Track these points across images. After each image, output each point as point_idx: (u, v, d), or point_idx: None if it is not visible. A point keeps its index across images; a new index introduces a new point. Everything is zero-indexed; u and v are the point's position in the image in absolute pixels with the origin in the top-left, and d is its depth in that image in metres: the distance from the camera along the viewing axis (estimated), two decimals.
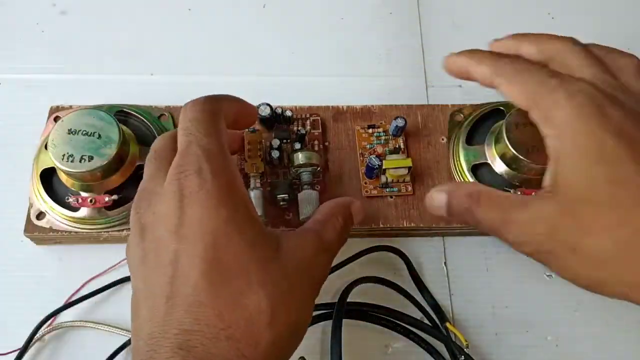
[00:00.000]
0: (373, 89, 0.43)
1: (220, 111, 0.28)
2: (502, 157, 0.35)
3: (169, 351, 0.22)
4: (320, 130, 0.38)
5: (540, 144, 0.26)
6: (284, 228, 0.36)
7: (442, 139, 0.39)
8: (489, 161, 0.36)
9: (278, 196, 0.35)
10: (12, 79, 0.43)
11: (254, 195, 0.34)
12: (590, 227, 0.24)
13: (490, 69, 0.29)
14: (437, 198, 0.29)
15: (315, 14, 0.46)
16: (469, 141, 0.38)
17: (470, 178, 0.36)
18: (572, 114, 0.25)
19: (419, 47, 0.45)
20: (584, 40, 0.30)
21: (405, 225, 0.36)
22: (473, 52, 0.31)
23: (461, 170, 0.37)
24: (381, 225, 0.36)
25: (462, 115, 0.39)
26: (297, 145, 0.37)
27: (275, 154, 0.36)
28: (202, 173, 0.25)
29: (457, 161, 0.37)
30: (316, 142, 0.38)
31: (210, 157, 0.25)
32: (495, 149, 0.36)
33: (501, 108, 0.38)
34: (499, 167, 0.36)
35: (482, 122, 0.38)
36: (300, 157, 0.35)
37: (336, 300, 0.32)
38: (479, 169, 0.37)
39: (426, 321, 0.35)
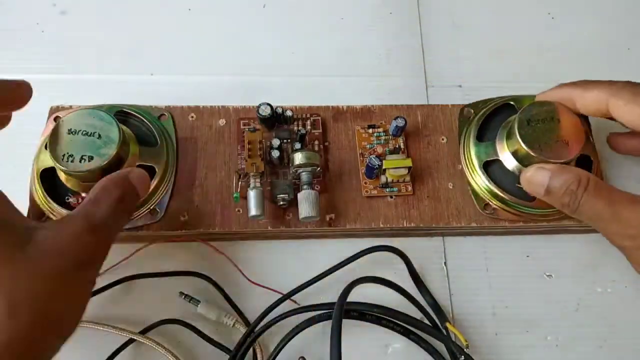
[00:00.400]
0: (373, 89, 0.43)
1: None
2: (514, 154, 0.35)
3: None
4: (320, 130, 0.38)
5: (552, 140, 0.27)
6: (284, 228, 0.36)
7: (442, 139, 0.39)
8: (500, 158, 0.36)
9: (278, 196, 0.35)
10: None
11: (253, 194, 0.34)
12: None
13: (605, 91, 0.31)
14: (539, 175, 0.30)
15: (315, 14, 0.46)
16: (480, 137, 0.38)
17: (482, 175, 0.36)
18: None
19: (419, 47, 0.45)
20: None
21: (405, 225, 0.36)
22: (573, 83, 0.33)
23: (472, 167, 0.37)
24: (381, 225, 0.36)
25: (472, 111, 0.39)
26: (297, 145, 0.37)
27: (276, 153, 0.36)
28: None
29: (468, 158, 0.37)
30: (316, 142, 0.38)
31: None
32: (507, 145, 0.35)
33: (511, 103, 0.38)
34: (510, 163, 0.35)
35: (492, 118, 0.38)
36: (300, 157, 0.35)
37: (336, 301, 0.32)
38: (490, 166, 0.37)
39: (426, 321, 0.35)
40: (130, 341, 0.34)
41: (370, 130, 0.39)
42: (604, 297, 0.37)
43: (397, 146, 0.38)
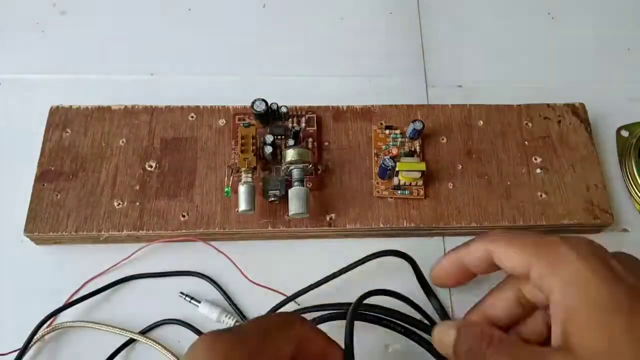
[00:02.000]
0: (373, 89, 0.43)
1: (289, 325, 0.26)
2: None
3: None
4: (315, 128, 0.38)
5: None
6: (284, 228, 0.36)
7: (442, 139, 0.39)
8: None
9: (269, 192, 0.35)
10: (12, 79, 0.43)
11: (245, 189, 0.34)
12: None
13: (484, 243, 0.28)
14: (444, 334, 0.28)
15: (315, 14, 0.46)
16: None
17: None
18: (579, 265, 0.24)
19: (419, 47, 0.45)
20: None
21: (405, 225, 0.36)
22: (453, 249, 0.30)
23: (637, 186, 0.39)
24: (381, 225, 0.36)
25: (627, 132, 0.41)
26: (291, 142, 0.37)
27: (268, 149, 0.36)
28: (215, 349, 0.23)
29: (631, 178, 0.39)
30: (310, 139, 0.38)
31: (232, 336, 0.24)
32: None
33: None
34: None
35: None
36: (291, 154, 0.35)
37: (340, 301, 0.32)
38: None
39: (426, 321, 0.34)
40: (130, 341, 0.34)
41: (387, 132, 0.39)
42: None
43: (412, 149, 0.38)
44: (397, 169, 0.36)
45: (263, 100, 0.36)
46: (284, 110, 0.37)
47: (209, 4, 0.46)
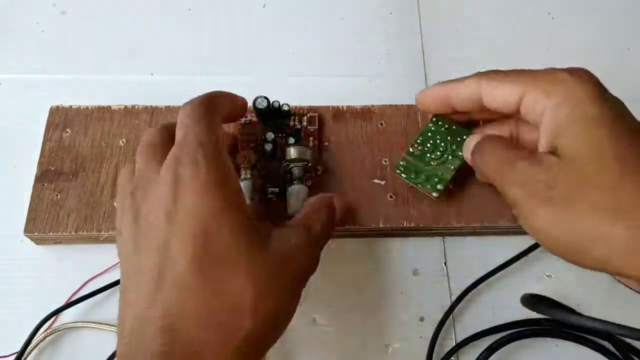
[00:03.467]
0: (373, 89, 0.43)
1: (216, 107, 0.29)
2: None
3: (153, 332, 0.23)
4: (316, 127, 0.38)
5: None
6: (274, 222, 0.36)
7: None
8: None
9: (269, 189, 0.35)
10: (12, 79, 0.43)
11: (244, 185, 0.34)
12: (595, 183, 0.25)
13: (476, 79, 0.31)
14: (471, 139, 0.32)
15: (315, 14, 0.46)
16: None
17: None
18: (575, 86, 0.27)
19: (419, 47, 0.45)
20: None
21: (405, 225, 0.36)
22: (448, 80, 0.33)
23: None
24: (381, 225, 0.36)
25: None
26: (291, 140, 0.37)
27: (269, 146, 0.36)
28: (198, 164, 0.25)
29: None
30: (311, 138, 0.38)
31: (205, 149, 0.26)
32: None
33: None
34: None
35: None
36: (292, 152, 0.35)
37: None
38: None
39: None
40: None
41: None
42: (602, 298, 0.37)
43: None
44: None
45: (265, 97, 0.36)
46: (285, 108, 0.37)
47: (209, 4, 0.46)
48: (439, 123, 0.35)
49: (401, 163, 0.35)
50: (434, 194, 0.34)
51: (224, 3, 0.46)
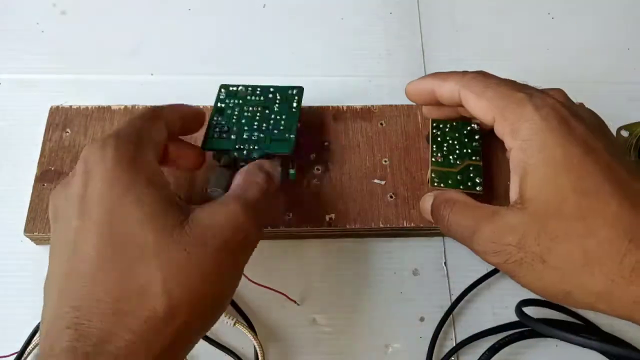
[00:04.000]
0: (373, 89, 0.43)
1: (156, 116, 0.29)
2: None
3: (61, 329, 0.23)
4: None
5: None
6: (284, 228, 0.36)
7: None
8: None
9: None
10: (12, 79, 0.43)
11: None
12: (560, 237, 0.25)
13: (457, 84, 0.30)
14: (425, 202, 0.33)
15: (315, 14, 0.46)
16: None
17: None
18: (540, 126, 0.26)
19: (419, 47, 0.45)
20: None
21: (405, 225, 0.36)
22: (436, 73, 0.33)
23: None
24: (381, 225, 0.36)
25: (627, 132, 0.41)
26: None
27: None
28: (105, 148, 0.25)
29: None
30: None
31: (117, 136, 0.26)
32: None
33: None
34: None
35: None
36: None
37: None
38: None
39: None
40: None
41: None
42: None
43: None
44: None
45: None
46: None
47: (209, 4, 0.46)
48: (440, 126, 0.35)
49: (433, 175, 0.34)
50: (478, 188, 0.34)
51: (224, 3, 0.46)
